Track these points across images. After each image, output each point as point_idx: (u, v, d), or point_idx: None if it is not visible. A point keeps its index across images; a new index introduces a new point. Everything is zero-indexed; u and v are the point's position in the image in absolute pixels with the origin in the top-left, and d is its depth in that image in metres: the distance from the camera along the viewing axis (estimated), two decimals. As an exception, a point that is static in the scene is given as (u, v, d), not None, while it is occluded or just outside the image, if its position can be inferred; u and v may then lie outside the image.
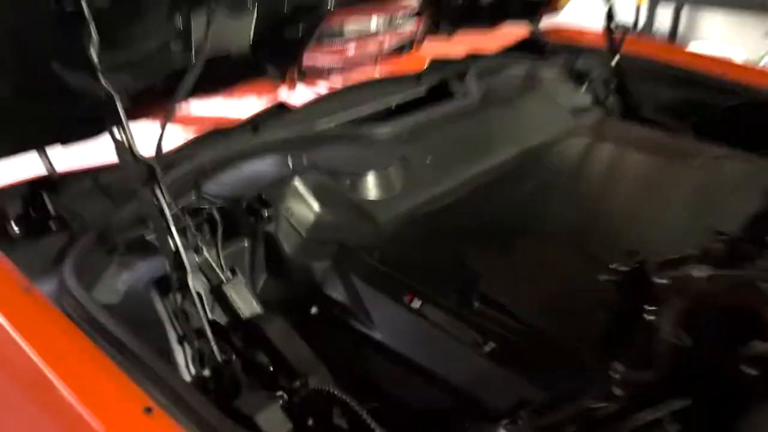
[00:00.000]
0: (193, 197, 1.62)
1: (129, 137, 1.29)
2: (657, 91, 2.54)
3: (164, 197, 1.29)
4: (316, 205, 1.63)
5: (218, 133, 1.84)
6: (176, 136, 1.78)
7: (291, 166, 1.70)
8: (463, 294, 1.42)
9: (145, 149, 1.30)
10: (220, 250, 1.43)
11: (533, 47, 2.79)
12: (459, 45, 2.52)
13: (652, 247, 1.35)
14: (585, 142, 2.21)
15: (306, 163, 1.70)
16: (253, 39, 1.67)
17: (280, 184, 1.63)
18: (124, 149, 1.29)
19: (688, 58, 2.58)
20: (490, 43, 2.72)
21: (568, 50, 2.69)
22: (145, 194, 1.29)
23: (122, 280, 1.40)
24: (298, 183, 1.64)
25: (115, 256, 1.43)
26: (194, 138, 1.79)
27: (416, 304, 1.40)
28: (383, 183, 1.71)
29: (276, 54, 1.79)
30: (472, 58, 2.59)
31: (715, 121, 2.34)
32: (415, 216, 1.70)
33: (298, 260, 1.53)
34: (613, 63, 2.54)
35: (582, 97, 2.49)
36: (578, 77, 2.53)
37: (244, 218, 1.52)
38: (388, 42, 2.20)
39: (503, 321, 1.34)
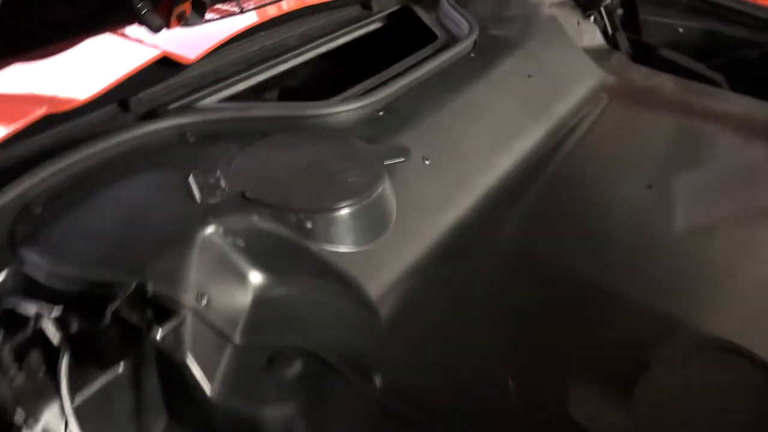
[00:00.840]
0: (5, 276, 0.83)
1: None
2: (674, 22, 1.93)
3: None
4: (253, 276, 0.87)
5: (52, 125, 1.00)
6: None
7: (197, 195, 0.91)
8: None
9: None
10: (66, 401, 0.70)
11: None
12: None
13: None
14: (635, 110, 1.48)
15: (225, 189, 0.92)
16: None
17: (180, 235, 0.85)
18: None
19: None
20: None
21: None
22: None
23: None
24: (214, 233, 0.86)
25: None
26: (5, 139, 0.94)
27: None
28: (368, 217, 0.96)
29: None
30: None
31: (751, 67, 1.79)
32: (428, 278, 0.96)
33: (230, 401, 0.79)
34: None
35: (592, 30, 1.80)
36: (585, 3, 1.83)
37: (112, 333, 0.74)
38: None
39: None
